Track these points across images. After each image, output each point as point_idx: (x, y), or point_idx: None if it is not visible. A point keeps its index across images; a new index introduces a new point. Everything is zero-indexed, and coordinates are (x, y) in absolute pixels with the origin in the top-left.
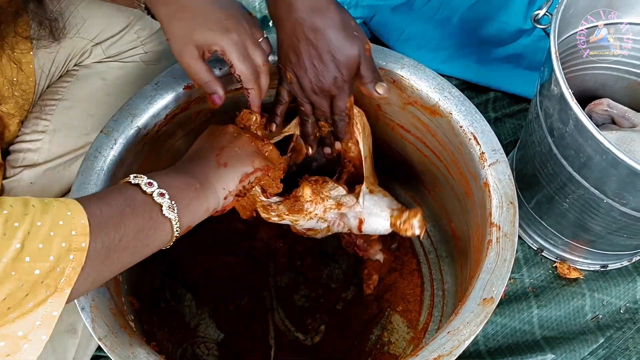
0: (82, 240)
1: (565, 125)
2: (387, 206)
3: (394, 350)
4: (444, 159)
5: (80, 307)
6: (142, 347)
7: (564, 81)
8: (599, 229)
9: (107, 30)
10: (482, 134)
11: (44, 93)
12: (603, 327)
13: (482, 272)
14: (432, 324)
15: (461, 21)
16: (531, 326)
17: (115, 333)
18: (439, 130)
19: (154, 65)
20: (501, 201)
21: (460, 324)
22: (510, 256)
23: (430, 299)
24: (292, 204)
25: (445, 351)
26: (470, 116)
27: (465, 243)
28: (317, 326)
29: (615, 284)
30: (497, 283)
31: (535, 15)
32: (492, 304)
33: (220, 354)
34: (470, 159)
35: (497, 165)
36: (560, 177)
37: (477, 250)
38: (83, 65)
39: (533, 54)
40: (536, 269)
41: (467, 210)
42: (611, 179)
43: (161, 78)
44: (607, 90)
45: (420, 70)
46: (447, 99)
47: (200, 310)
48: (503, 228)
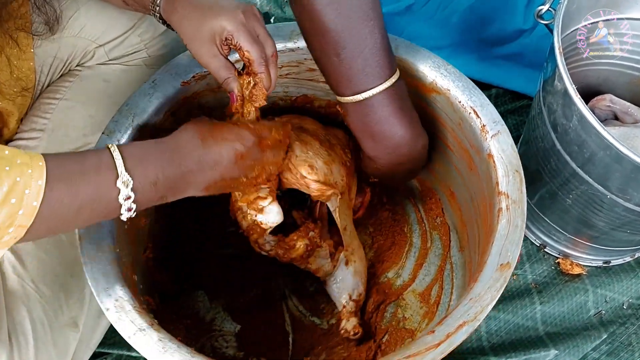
0: (26, 220)
1: (569, 120)
2: (347, 291)
3: (409, 326)
4: (444, 136)
5: (105, 308)
6: (172, 342)
7: (568, 77)
8: (602, 224)
9: (110, 32)
10: (482, 107)
11: (45, 91)
12: (606, 323)
13: (495, 239)
14: (443, 296)
15: (460, 21)
16: (534, 322)
17: (143, 330)
18: (438, 108)
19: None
20: (507, 170)
21: (481, 290)
22: (521, 222)
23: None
24: (283, 250)
25: (470, 317)
26: (468, 91)
27: (469, 216)
28: (331, 309)
29: (618, 280)
30: (512, 248)
31: (539, 11)
32: (509, 268)
33: (239, 345)
34: (472, 133)
35: (499, 136)
36: (564, 173)
37: (486, 220)
38: (86, 66)
39: (533, 53)
40: (539, 265)
41: (470, 183)
42: (615, 175)
43: (158, 75)
44: (609, 86)
45: (414, 50)
46: (444, 76)
47: (214, 304)
48: (511, 196)
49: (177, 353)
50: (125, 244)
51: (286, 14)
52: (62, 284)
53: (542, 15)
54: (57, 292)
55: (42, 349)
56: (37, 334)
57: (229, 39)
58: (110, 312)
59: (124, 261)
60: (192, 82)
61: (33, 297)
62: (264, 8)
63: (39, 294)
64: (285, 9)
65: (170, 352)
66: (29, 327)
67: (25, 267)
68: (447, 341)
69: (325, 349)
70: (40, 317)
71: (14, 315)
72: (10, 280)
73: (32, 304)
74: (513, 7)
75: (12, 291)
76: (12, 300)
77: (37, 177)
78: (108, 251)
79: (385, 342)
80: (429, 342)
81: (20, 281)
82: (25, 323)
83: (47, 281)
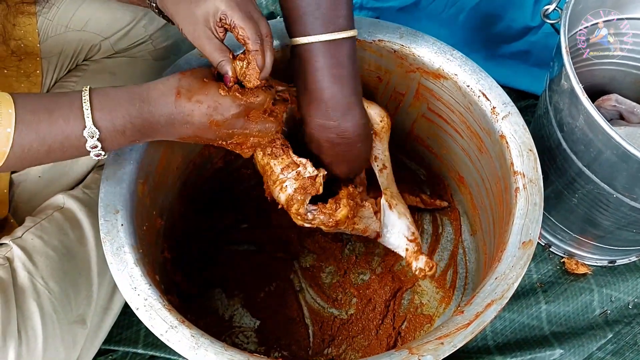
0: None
1: (575, 120)
2: (402, 234)
3: (427, 311)
4: (452, 120)
5: (135, 308)
6: (204, 337)
7: (575, 76)
8: (608, 224)
9: (114, 24)
10: (490, 90)
11: (53, 87)
12: (611, 323)
13: (515, 218)
14: (458, 281)
15: (467, 19)
16: (539, 321)
17: (175, 327)
18: (445, 93)
19: (162, 60)
20: (520, 150)
21: (505, 268)
22: (539, 200)
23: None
24: (327, 218)
25: (497, 295)
26: (475, 74)
27: (480, 199)
28: (348, 299)
29: (624, 279)
30: (532, 226)
31: (545, 10)
32: (532, 245)
33: (259, 341)
34: (482, 116)
35: (510, 117)
36: (570, 173)
37: (501, 201)
38: (93, 60)
39: (540, 51)
40: (544, 265)
41: (481, 165)
42: (621, 174)
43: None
44: (615, 85)
45: (419, 37)
46: (450, 61)
47: (232, 301)
48: (527, 175)
49: (210, 347)
50: (145, 245)
51: None
52: (70, 282)
53: (548, 14)
54: (66, 289)
55: (50, 344)
56: (47, 329)
57: (223, 18)
58: (140, 311)
59: (146, 261)
60: None
61: (43, 293)
62: (269, 7)
63: (48, 291)
64: None
65: (204, 347)
66: (39, 322)
67: (35, 265)
68: (477, 320)
69: (346, 339)
70: (49, 313)
71: (24, 310)
72: (21, 276)
73: (42, 300)
74: (521, 3)
75: (23, 287)
76: (22, 295)
77: (5, 124)
78: (131, 252)
79: (405, 329)
80: (459, 322)
81: (30, 277)
82: (35, 318)
83: (56, 278)
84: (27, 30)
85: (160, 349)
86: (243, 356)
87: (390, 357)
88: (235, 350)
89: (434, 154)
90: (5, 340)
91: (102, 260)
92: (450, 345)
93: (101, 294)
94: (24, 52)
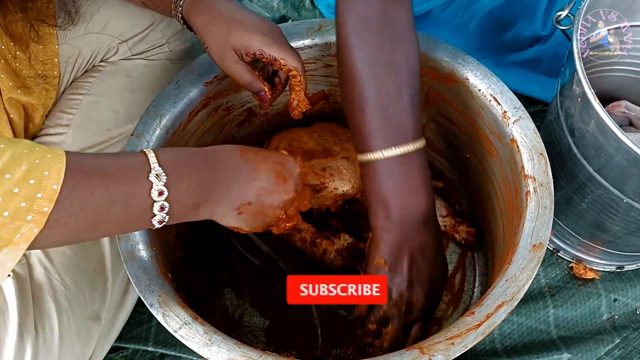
0: (45, 204)
1: (587, 125)
2: None
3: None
4: (462, 124)
5: (149, 304)
6: (217, 334)
7: (587, 81)
8: (617, 229)
9: (132, 28)
10: (502, 94)
11: (69, 87)
12: (619, 328)
13: (526, 221)
14: (467, 284)
15: (478, 27)
16: (547, 325)
17: (188, 324)
18: (455, 98)
19: (179, 63)
20: (531, 154)
21: (516, 270)
22: (550, 204)
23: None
24: None
25: (507, 297)
26: (487, 79)
27: (489, 202)
28: None
29: (632, 285)
30: (543, 229)
31: (558, 17)
32: (542, 248)
33: (268, 340)
34: (493, 120)
35: (521, 122)
36: (580, 177)
37: (511, 205)
38: (109, 62)
39: (550, 60)
40: (552, 269)
41: (490, 170)
42: (632, 179)
43: (181, 76)
44: (625, 92)
45: (430, 41)
46: (462, 65)
47: (241, 301)
48: (538, 178)
49: (223, 344)
50: (158, 243)
51: (302, 17)
52: (86, 278)
53: (560, 21)
54: (82, 285)
55: (66, 340)
56: (63, 325)
57: (259, 55)
58: (154, 308)
59: (159, 259)
60: (214, 82)
61: (59, 289)
62: (281, 11)
63: (64, 287)
64: (301, 12)
65: (217, 344)
66: (55, 318)
67: (52, 261)
68: (487, 321)
69: (355, 340)
70: (65, 309)
71: (41, 305)
72: (37, 272)
73: (58, 295)
74: (532, 12)
75: (39, 283)
76: (39, 291)
77: (56, 160)
78: (144, 249)
79: None
80: (470, 323)
81: (46, 273)
82: (52, 313)
83: (72, 275)
84: (48, 52)
85: (170, 347)
86: (255, 353)
87: (401, 356)
88: (247, 347)
89: (442, 156)
90: (22, 336)
91: (116, 256)
92: (462, 346)
93: (115, 290)
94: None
